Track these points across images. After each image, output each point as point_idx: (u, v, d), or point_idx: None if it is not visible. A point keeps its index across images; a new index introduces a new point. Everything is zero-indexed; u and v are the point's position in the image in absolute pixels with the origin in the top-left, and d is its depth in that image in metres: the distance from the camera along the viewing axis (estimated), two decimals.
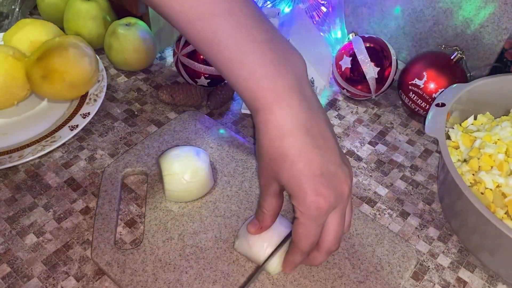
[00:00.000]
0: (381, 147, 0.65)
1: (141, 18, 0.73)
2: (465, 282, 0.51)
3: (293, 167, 0.39)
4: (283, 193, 0.45)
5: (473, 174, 0.53)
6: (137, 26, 0.70)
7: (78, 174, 0.59)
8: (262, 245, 0.47)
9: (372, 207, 0.58)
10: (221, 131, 0.63)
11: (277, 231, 0.47)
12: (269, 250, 0.47)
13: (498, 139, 0.54)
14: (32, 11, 0.84)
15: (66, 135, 0.60)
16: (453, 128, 0.59)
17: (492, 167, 0.52)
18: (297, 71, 0.40)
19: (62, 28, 0.73)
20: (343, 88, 0.70)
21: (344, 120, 0.69)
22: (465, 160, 0.56)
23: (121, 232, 0.53)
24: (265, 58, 0.39)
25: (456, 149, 0.57)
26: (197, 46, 0.40)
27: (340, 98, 0.73)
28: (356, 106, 0.71)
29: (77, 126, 0.61)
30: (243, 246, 0.48)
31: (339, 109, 0.71)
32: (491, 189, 0.51)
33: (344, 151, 0.64)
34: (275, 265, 0.47)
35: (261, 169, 0.43)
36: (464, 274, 0.52)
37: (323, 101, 0.72)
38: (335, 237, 0.42)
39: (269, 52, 0.39)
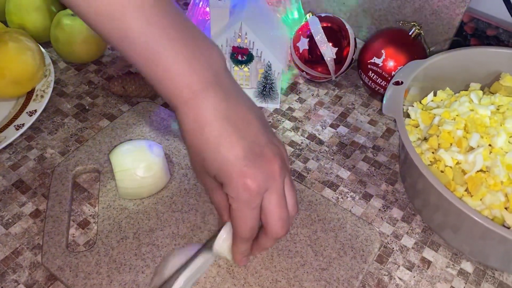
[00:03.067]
0: (342, 129, 0.64)
1: None
2: (429, 262, 0.50)
3: (216, 155, 0.39)
4: None
5: (432, 152, 0.52)
6: None
7: (27, 175, 0.56)
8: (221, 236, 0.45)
9: (335, 191, 0.56)
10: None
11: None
12: (227, 238, 0.45)
13: (457, 115, 0.54)
14: None
15: (11, 135, 0.57)
16: (412, 106, 0.58)
17: (451, 144, 0.52)
18: (213, 65, 0.40)
19: (4, 22, 0.69)
20: (303, 71, 0.68)
21: (305, 103, 0.67)
22: (425, 139, 0.55)
23: (74, 234, 0.51)
24: (178, 55, 0.38)
25: (416, 127, 0.56)
26: (111, 44, 0.39)
27: (301, 81, 0.71)
28: (316, 89, 0.70)
29: (23, 125, 0.58)
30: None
31: (299, 93, 0.69)
32: (450, 167, 0.50)
33: (306, 135, 0.63)
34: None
35: (193, 166, 0.42)
36: (428, 253, 0.51)
37: (283, 85, 0.70)
38: (278, 219, 0.41)
39: (183, 48, 0.38)
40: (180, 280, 0.43)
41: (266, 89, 0.64)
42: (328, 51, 0.64)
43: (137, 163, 0.50)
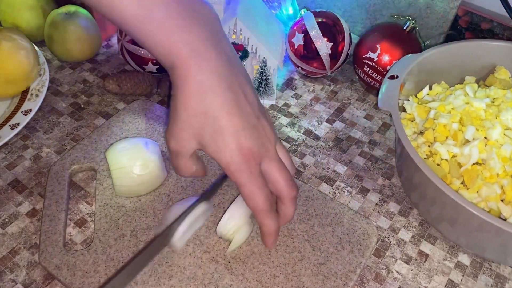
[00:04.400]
0: (338, 124, 0.64)
1: (81, 5, 0.69)
2: (426, 255, 0.51)
3: (216, 123, 0.39)
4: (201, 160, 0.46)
5: (428, 146, 0.52)
6: (77, 14, 0.66)
7: (23, 175, 0.56)
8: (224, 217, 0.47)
9: (331, 186, 0.56)
10: None
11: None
12: (229, 220, 0.47)
13: (452, 108, 0.54)
14: None
15: (6, 134, 0.57)
16: (408, 100, 0.58)
17: (447, 137, 0.52)
18: (211, 23, 0.39)
19: None
20: (298, 66, 0.68)
21: (301, 99, 0.67)
22: (421, 132, 0.55)
23: (71, 232, 0.50)
24: (172, 10, 0.37)
25: (412, 121, 0.56)
26: (100, 10, 0.38)
27: (296, 76, 0.71)
28: (312, 84, 0.70)
29: (18, 124, 0.58)
30: None
31: (295, 88, 0.69)
32: (446, 160, 0.50)
33: (302, 131, 0.63)
34: (239, 238, 0.47)
35: (176, 128, 0.40)
36: (425, 247, 0.51)
37: (279, 81, 0.70)
38: (285, 182, 0.42)
39: (176, 4, 0.38)
40: (181, 228, 0.44)
41: (262, 85, 0.64)
42: (323, 46, 0.64)
43: (134, 161, 0.50)
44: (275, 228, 0.44)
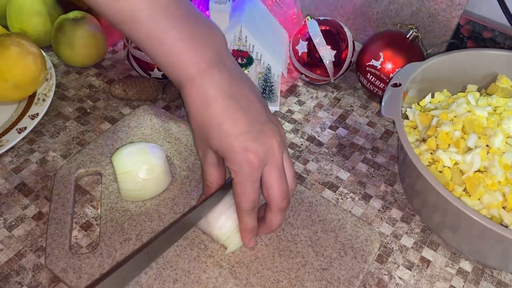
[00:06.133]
0: (341, 131, 0.64)
1: (88, 11, 0.70)
2: (428, 261, 0.51)
3: (220, 129, 0.41)
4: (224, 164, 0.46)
5: (431, 153, 0.53)
6: (85, 20, 0.67)
7: (29, 178, 0.56)
8: (220, 219, 0.48)
9: (334, 192, 0.57)
10: (179, 124, 0.61)
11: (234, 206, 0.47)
12: (225, 223, 0.47)
13: (455, 116, 0.54)
14: None
15: (13, 138, 0.57)
16: (411, 107, 0.59)
17: (449, 144, 0.52)
18: (216, 44, 0.43)
19: (5, 26, 0.70)
20: (302, 73, 0.69)
21: (304, 105, 0.68)
22: (423, 140, 0.55)
23: (76, 236, 0.51)
24: (183, 33, 0.41)
25: (414, 128, 0.57)
26: (118, 27, 0.42)
27: (300, 83, 0.71)
28: (316, 91, 0.70)
29: (25, 128, 0.59)
30: (202, 224, 0.49)
31: (299, 95, 0.70)
32: (449, 167, 0.51)
33: (305, 137, 0.63)
34: (235, 241, 0.48)
35: (195, 141, 0.45)
36: (427, 253, 0.52)
37: (283, 87, 0.70)
38: (279, 192, 0.43)
39: (187, 28, 0.41)
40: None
41: (266, 91, 0.64)
42: (327, 54, 0.65)
43: (139, 165, 0.51)
44: (252, 226, 0.46)
